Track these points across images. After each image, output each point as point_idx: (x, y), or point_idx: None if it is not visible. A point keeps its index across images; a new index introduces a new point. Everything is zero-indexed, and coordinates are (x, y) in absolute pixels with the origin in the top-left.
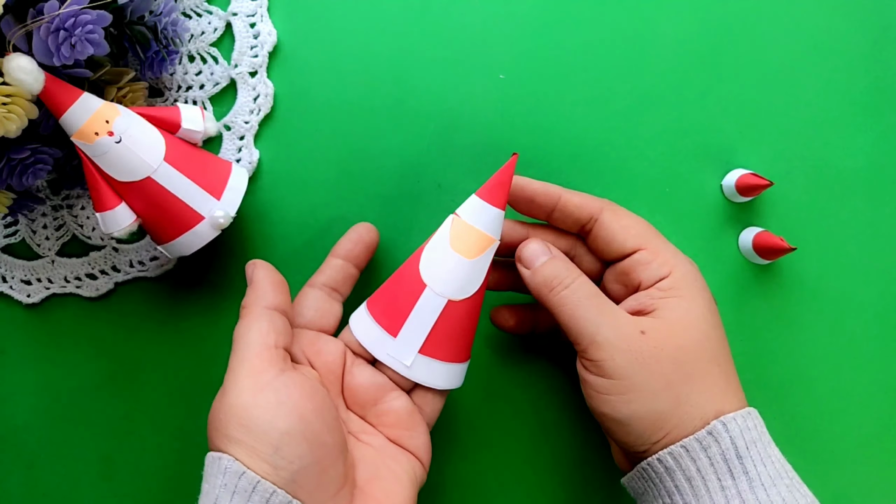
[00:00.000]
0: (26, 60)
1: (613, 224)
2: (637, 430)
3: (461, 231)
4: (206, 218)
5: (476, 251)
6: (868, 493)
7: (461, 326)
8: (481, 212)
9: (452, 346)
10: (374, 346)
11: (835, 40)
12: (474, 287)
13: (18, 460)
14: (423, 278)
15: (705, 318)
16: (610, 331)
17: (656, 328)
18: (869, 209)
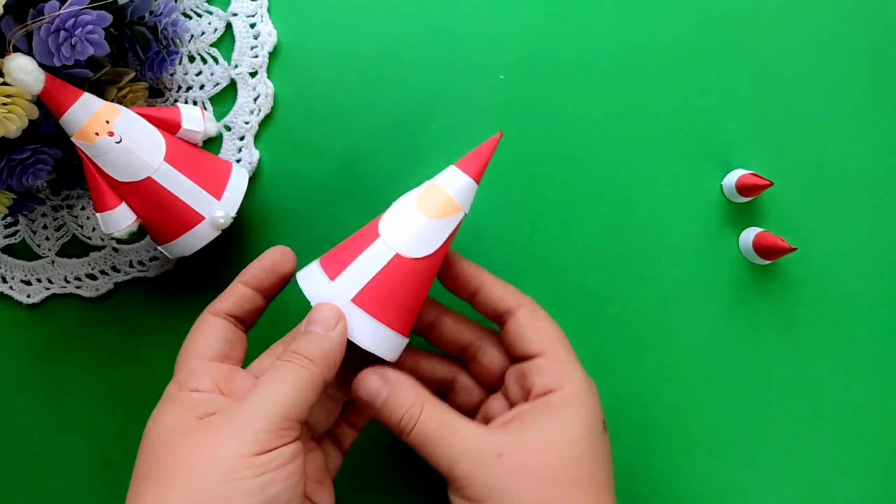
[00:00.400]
0: (27, 61)
1: (526, 324)
2: None
3: (430, 193)
4: (206, 218)
5: (439, 213)
6: (868, 493)
7: (405, 288)
8: (454, 178)
9: (391, 306)
10: (311, 290)
11: (835, 40)
12: (429, 249)
13: (18, 460)
14: (378, 230)
15: (579, 440)
16: (465, 463)
17: (517, 448)
18: (869, 209)
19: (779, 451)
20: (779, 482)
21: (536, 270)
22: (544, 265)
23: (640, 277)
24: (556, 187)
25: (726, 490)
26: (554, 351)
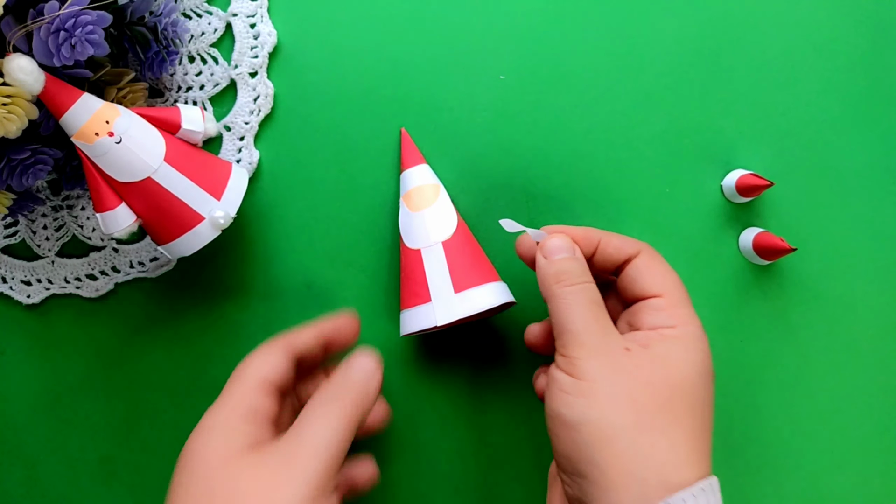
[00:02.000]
0: (26, 61)
1: (644, 267)
2: (583, 440)
3: (411, 198)
4: (206, 218)
5: (431, 198)
6: (868, 494)
7: (469, 252)
8: (414, 175)
9: (475, 270)
10: (423, 322)
11: (835, 40)
12: (453, 221)
13: (18, 460)
14: (412, 248)
15: (696, 369)
16: (595, 336)
17: (642, 353)
18: (869, 209)
19: (779, 450)
20: (779, 482)
21: None
22: None
23: None
24: (555, 187)
25: (726, 490)
26: (670, 293)
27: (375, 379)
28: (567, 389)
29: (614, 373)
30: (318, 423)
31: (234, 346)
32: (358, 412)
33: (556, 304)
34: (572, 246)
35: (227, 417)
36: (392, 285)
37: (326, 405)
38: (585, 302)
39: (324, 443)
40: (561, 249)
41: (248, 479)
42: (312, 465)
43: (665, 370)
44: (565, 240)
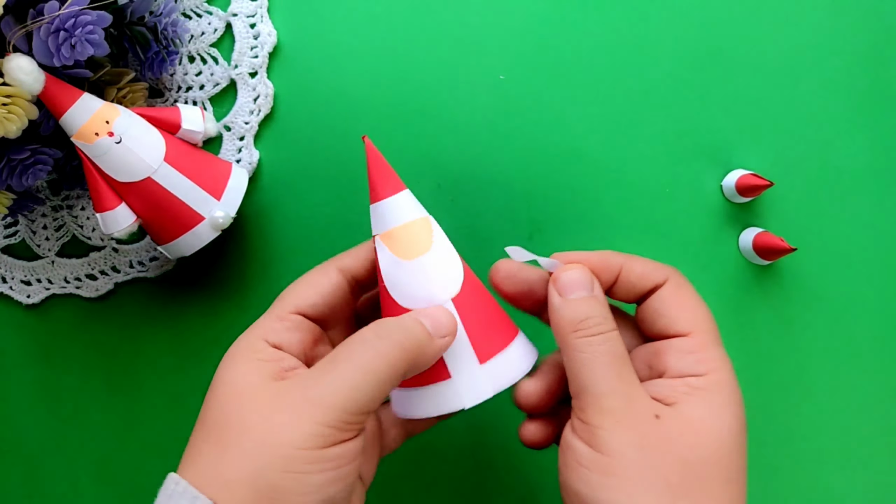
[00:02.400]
0: (26, 61)
1: (670, 299)
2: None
3: (397, 241)
4: (206, 218)
5: (426, 239)
6: (868, 494)
7: (484, 305)
8: (397, 207)
9: (497, 329)
10: (442, 407)
11: (835, 40)
12: (458, 267)
13: (18, 460)
14: (410, 308)
15: (731, 432)
16: (621, 400)
17: (673, 419)
18: (869, 209)
19: (779, 451)
20: (778, 482)
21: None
22: None
23: None
24: (556, 187)
25: None
26: (701, 332)
27: (442, 336)
28: (586, 464)
29: (644, 448)
30: (350, 361)
31: None
32: (403, 361)
33: (575, 357)
34: (591, 280)
35: (253, 345)
36: None
37: (368, 342)
38: (609, 357)
39: (349, 384)
40: (579, 285)
41: (257, 412)
42: (327, 415)
43: (698, 438)
44: (583, 273)
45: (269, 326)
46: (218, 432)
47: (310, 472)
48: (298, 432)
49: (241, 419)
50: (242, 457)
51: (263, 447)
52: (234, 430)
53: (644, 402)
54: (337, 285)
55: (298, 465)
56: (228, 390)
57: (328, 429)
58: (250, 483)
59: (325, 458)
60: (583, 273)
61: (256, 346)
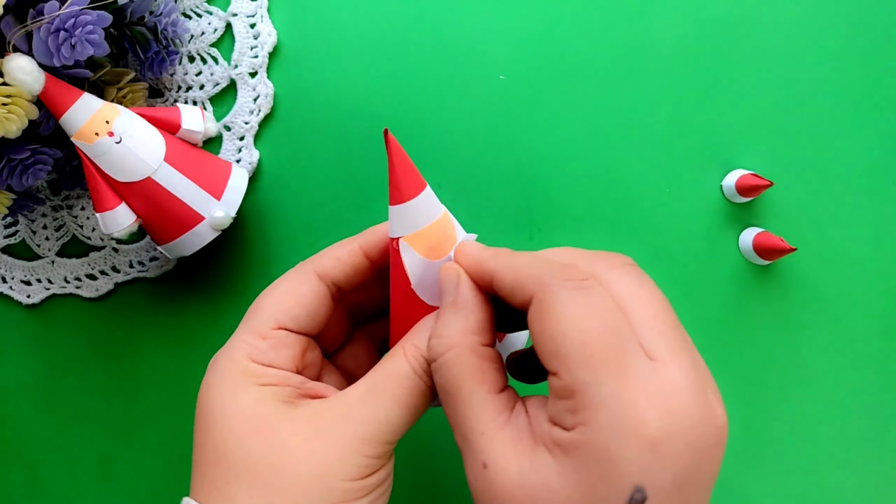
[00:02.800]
0: (26, 61)
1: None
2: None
3: (425, 242)
4: (206, 218)
5: (451, 236)
6: (868, 494)
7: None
8: (425, 206)
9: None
10: None
11: (835, 40)
12: None
13: (18, 460)
14: (432, 305)
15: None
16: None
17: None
18: (869, 209)
19: (779, 451)
20: (779, 482)
21: None
22: None
23: None
24: (556, 187)
25: (726, 491)
26: (571, 370)
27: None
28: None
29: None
30: (391, 394)
31: None
32: (431, 394)
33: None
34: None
35: (246, 368)
36: None
37: (409, 379)
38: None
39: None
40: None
41: (287, 444)
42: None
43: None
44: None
45: (253, 345)
46: (253, 470)
47: (358, 499)
48: (351, 467)
49: (280, 455)
50: (296, 495)
51: (318, 483)
52: (274, 467)
53: (474, 448)
54: (318, 293)
55: (351, 495)
56: (242, 423)
57: (372, 459)
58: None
59: (369, 486)
60: (445, 274)
61: (249, 368)
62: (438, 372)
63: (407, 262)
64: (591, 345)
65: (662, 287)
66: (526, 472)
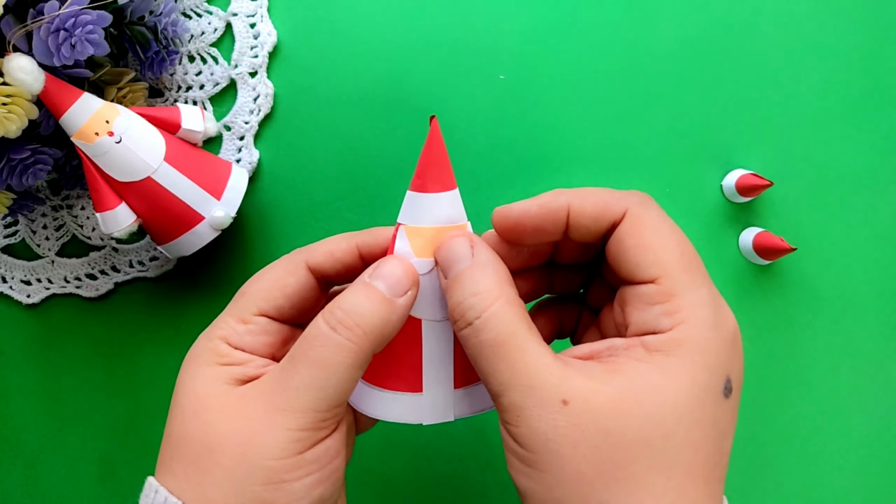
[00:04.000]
0: (26, 60)
1: (631, 240)
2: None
3: (422, 237)
4: (206, 218)
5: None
6: (869, 494)
7: None
8: (432, 206)
9: None
10: (403, 416)
11: (835, 40)
12: None
13: (18, 460)
14: (411, 313)
15: (677, 407)
16: (519, 394)
17: (589, 400)
18: (869, 209)
19: (779, 451)
20: (779, 482)
21: None
22: None
23: None
24: (556, 187)
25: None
26: (670, 275)
27: (402, 294)
28: (515, 455)
29: (551, 440)
30: (309, 360)
31: None
32: (367, 345)
33: (469, 353)
34: (466, 247)
35: (215, 348)
36: None
37: (324, 336)
38: (492, 348)
39: (314, 383)
40: (454, 260)
41: (226, 423)
42: (300, 419)
43: (623, 413)
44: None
45: (231, 328)
46: (188, 452)
47: (293, 480)
48: (273, 442)
49: (209, 433)
50: (222, 475)
51: (241, 462)
52: (205, 445)
53: (548, 387)
54: (305, 285)
55: (279, 474)
56: (191, 401)
57: (303, 433)
58: (235, 501)
59: (306, 461)
60: (455, 241)
61: (218, 348)
62: (485, 328)
63: (396, 247)
64: (688, 254)
65: None
66: (621, 387)
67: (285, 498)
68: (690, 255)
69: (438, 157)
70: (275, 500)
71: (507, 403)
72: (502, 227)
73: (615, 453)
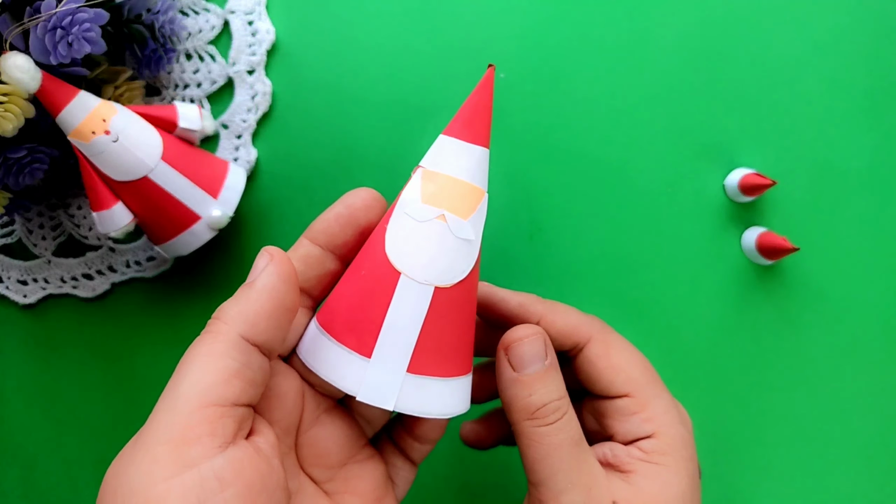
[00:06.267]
0: (23, 59)
1: (600, 361)
2: None
3: (435, 185)
4: (203, 218)
5: (469, 209)
6: (872, 495)
7: (458, 323)
8: (459, 154)
9: (451, 353)
10: (341, 378)
11: (838, 39)
12: (468, 264)
13: (15, 461)
14: (392, 263)
15: (684, 495)
16: (581, 494)
17: (628, 500)
18: (873, 209)
19: (781, 451)
20: (781, 483)
21: (536, 271)
22: (544, 266)
23: (641, 277)
24: (556, 187)
25: (727, 491)
26: (638, 390)
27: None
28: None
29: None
30: (176, 378)
31: None
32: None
33: (532, 447)
34: (545, 347)
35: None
36: None
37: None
38: (568, 448)
39: (183, 397)
40: (534, 357)
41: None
42: (169, 433)
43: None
44: (538, 340)
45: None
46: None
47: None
48: (151, 468)
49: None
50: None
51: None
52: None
53: (603, 491)
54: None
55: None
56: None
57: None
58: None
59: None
60: (537, 340)
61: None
62: (568, 427)
63: (406, 192)
64: (649, 369)
65: (664, 286)
66: (649, 488)
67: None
68: (650, 370)
69: (482, 109)
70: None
71: (567, 501)
72: (483, 301)
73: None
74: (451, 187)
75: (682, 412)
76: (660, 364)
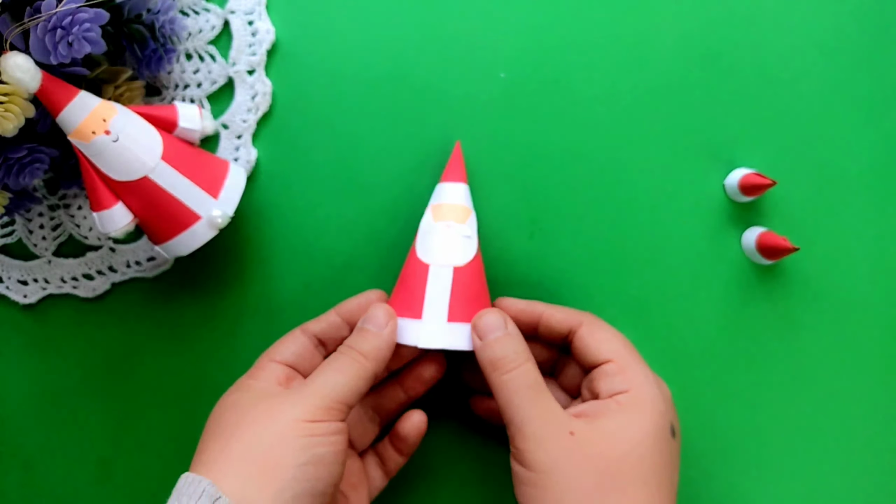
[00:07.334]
0: (23, 59)
1: (589, 337)
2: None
3: (441, 211)
4: (203, 218)
5: (461, 220)
6: (871, 495)
7: (475, 288)
8: (453, 191)
9: (474, 306)
10: (406, 335)
11: (838, 39)
12: (471, 250)
13: (15, 461)
14: (423, 260)
15: (646, 439)
16: (538, 424)
17: (587, 432)
18: (873, 209)
19: (781, 451)
20: (780, 482)
21: (536, 270)
22: (544, 265)
23: (641, 277)
24: (556, 187)
25: (727, 491)
26: (620, 357)
27: (386, 331)
28: (523, 481)
29: (560, 460)
30: (325, 370)
31: (231, 346)
32: (367, 362)
33: (497, 393)
34: (504, 320)
35: (243, 382)
36: (391, 287)
37: (336, 358)
38: (524, 389)
39: (328, 384)
40: (494, 327)
41: (252, 412)
42: (312, 400)
43: (611, 446)
44: (496, 315)
45: (256, 370)
46: (219, 432)
47: (298, 436)
48: (289, 412)
49: (238, 419)
50: (242, 438)
51: (258, 428)
52: (232, 426)
53: (558, 421)
54: (304, 350)
55: (289, 433)
56: (225, 406)
57: (314, 408)
58: (244, 458)
59: (312, 427)
60: (495, 315)
61: (245, 382)
62: (524, 375)
63: (422, 223)
64: (629, 346)
65: (664, 286)
66: (611, 425)
67: (289, 449)
68: (631, 347)
69: (458, 163)
70: (281, 450)
71: (528, 432)
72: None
73: (608, 471)
74: (451, 208)
75: (661, 382)
76: (660, 364)
